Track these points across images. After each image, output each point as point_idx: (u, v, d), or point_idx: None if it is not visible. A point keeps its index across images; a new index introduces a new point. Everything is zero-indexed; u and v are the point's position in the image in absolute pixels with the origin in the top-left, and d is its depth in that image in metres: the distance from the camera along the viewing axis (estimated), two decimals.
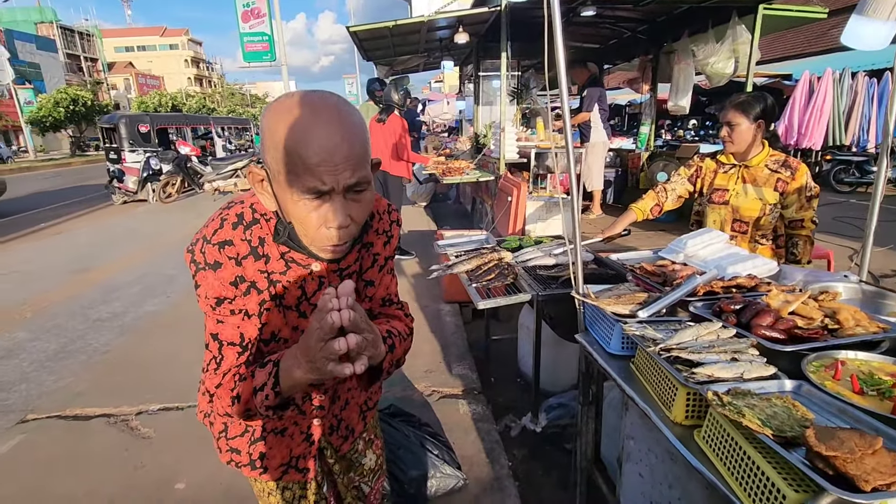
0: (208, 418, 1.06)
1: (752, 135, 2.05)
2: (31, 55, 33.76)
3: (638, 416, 1.29)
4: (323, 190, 0.72)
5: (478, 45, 6.80)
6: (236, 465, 1.03)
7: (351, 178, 0.73)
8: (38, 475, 2.17)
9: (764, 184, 2.07)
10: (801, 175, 2.01)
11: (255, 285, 0.85)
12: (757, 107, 2.02)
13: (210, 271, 0.81)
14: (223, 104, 49.88)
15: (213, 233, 0.82)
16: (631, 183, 7.15)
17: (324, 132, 0.70)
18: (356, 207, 0.78)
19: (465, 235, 2.98)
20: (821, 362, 1.09)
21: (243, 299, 0.85)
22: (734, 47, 5.08)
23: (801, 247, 2.09)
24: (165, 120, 12.10)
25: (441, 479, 1.89)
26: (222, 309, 0.84)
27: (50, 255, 6.11)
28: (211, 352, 0.86)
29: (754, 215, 2.10)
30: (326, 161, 0.70)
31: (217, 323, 0.85)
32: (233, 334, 0.85)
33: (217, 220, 0.84)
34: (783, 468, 0.80)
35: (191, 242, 0.84)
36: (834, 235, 5.47)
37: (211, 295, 0.83)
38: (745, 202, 2.11)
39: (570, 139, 1.52)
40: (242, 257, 0.83)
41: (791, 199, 2.04)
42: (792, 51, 13.50)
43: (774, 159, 2.07)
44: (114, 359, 3.26)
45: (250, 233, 0.84)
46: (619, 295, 1.53)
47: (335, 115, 0.73)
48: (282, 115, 0.72)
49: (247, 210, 0.85)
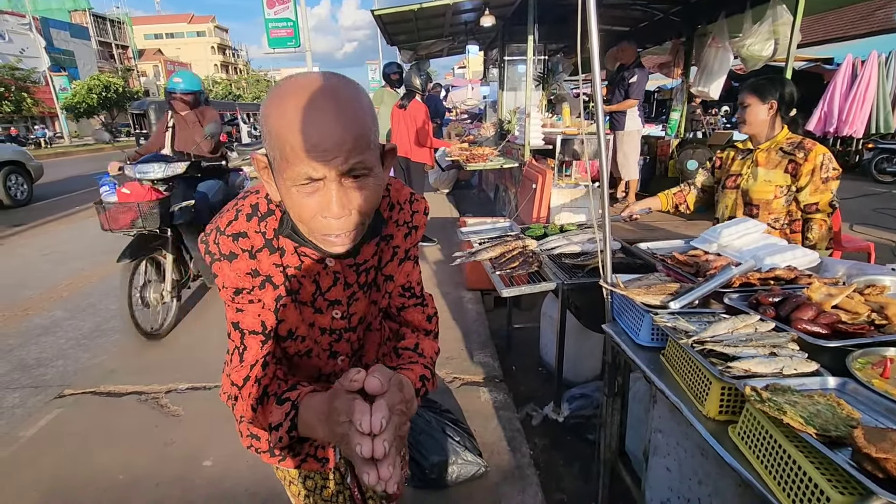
0: (231, 399, 1.07)
1: (764, 116, 2.03)
2: (66, 43, 34.69)
3: (667, 410, 1.26)
4: (314, 177, 0.66)
5: (503, 29, 6.66)
6: (256, 450, 1.03)
7: (344, 163, 0.66)
8: (75, 448, 2.26)
9: (776, 166, 2.03)
10: (816, 156, 1.94)
11: (270, 279, 0.82)
12: (772, 90, 2.01)
13: (225, 262, 0.79)
14: (248, 90, 50.45)
15: (227, 224, 0.79)
16: (659, 171, 6.95)
17: (314, 115, 0.65)
18: (357, 196, 0.71)
19: (489, 223, 2.95)
20: (867, 359, 1.03)
21: (260, 292, 0.82)
22: (773, 28, 4.83)
23: (816, 231, 2.01)
24: None
25: (462, 466, 1.89)
26: (241, 298, 0.82)
27: (85, 236, 6.31)
28: (233, 341, 0.84)
29: (766, 198, 2.05)
30: (316, 146, 0.64)
31: (237, 312, 0.83)
32: (254, 323, 0.83)
33: (232, 210, 0.81)
34: (826, 469, 0.76)
35: (205, 232, 0.81)
36: (874, 227, 5.23)
37: (229, 285, 0.81)
38: (754, 185, 2.07)
39: (602, 124, 1.47)
40: (257, 250, 0.80)
41: (804, 181, 1.98)
42: (833, 33, 12.81)
43: (790, 141, 2.02)
44: (144, 338, 3.36)
45: (265, 224, 0.80)
46: (649, 285, 1.48)
47: (330, 96, 0.67)
48: (276, 99, 0.68)
49: (262, 200, 0.81)
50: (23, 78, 23.34)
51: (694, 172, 5.95)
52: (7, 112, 22.83)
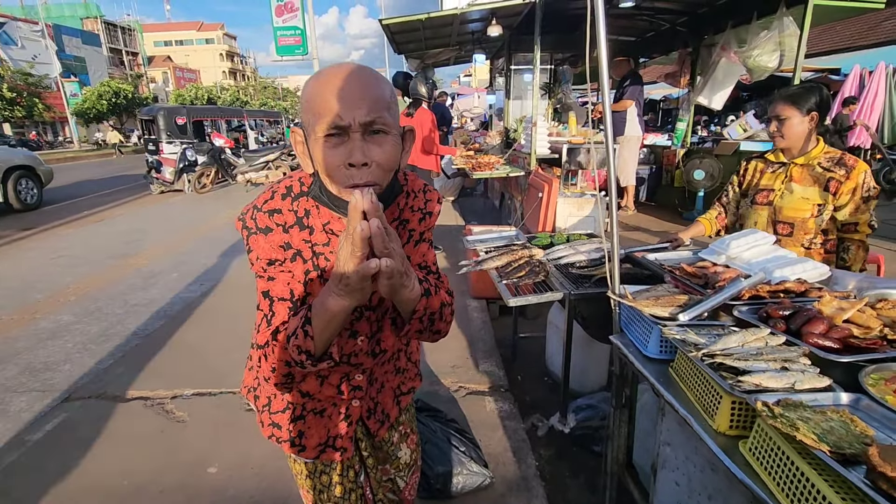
0: (253, 392, 1.11)
1: (804, 129, 1.91)
2: (77, 49, 35.23)
3: (675, 423, 1.25)
4: (341, 124, 0.77)
5: (510, 38, 6.71)
6: (277, 440, 1.06)
7: (367, 115, 0.78)
8: (80, 452, 2.26)
9: (814, 183, 1.94)
10: (858, 174, 1.86)
11: (300, 254, 0.89)
12: (811, 99, 1.88)
13: (262, 235, 0.87)
14: (256, 97, 50.92)
15: (263, 202, 0.89)
16: (666, 180, 6.95)
17: (344, 80, 0.79)
18: (377, 150, 0.81)
19: (495, 231, 2.95)
20: (880, 375, 1.02)
21: (291, 265, 0.89)
22: (780, 39, 4.83)
23: (854, 252, 1.94)
24: (201, 112, 12.42)
25: (468, 477, 1.88)
26: (273, 269, 0.89)
27: (93, 241, 6.37)
28: (262, 310, 0.90)
29: (801, 216, 1.96)
30: (343, 99, 0.77)
31: (269, 280, 0.89)
32: (284, 290, 0.89)
33: (268, 191, 0.91)
34: (840, 487, 0.75)
35: (241, 212, 0.90)
36: (883, 239, 5.19)
37: (263, 256, 0.88)
38: (790, 202, 1.98)
39: (610, 134, 1.47)
40: (290, 226, 0.88)
41: (844, 200, 1.89)
42: (841, 44, 12.79)
43: (829, 157, 1.93)
44: (151, 343, 3.38)
45: (297, 204, 0.89)
46: (657, 296, 1.48)
47: (358, 71, 0.81)
48: (315, 76, 0.82)
49: (296, 183, 0.91)
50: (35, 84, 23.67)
51: (701, 182, 5.95)
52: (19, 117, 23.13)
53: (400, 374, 1.17)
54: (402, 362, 1.17)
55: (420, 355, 1.27)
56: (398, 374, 1.16)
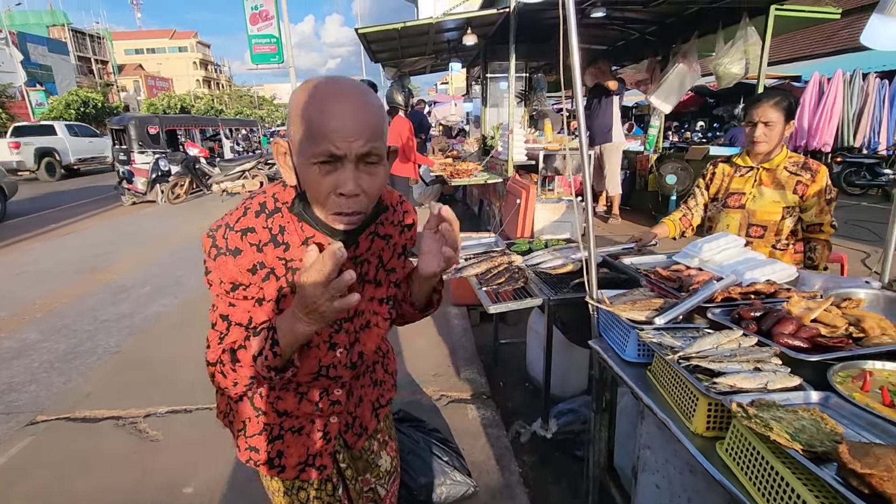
0: (227, 417, 1.09)
1: (783, 134, 1.99)
2: (43, 57, 34.12)
3: (655, 426, 1.26)
4: (336, 154, 0.76)
5: (486, 47, 6.78)
6: (255, 463, 1.04)
7: (363, 146, 0.77)
8: (48, 477, 2.17)
9: (783, 186, 2.01)
10: (822, 177, 1.96)
11: (273, 272, 0.88)
12: (788, 105, 1.96)
13: (230, 257, 0.84)
14: (231, 106, 50.18)
15: (236, 220, 0.86)
16: (639, 185, 7.09)
17: (342, 105, 0.77)
18: (368, 179, 0.81)
19: (474, 238, 2.96)
20: (847, 373, 1.06)
21: (261, 285, 0.87)
22: (745, 48, 5.02)
23: (820, 251, 2.03)
24: (174, 122, 12.19)
25: (451, 486, 1.86)
26: (236, 294, 0.87)
27: (60, 255, 6.15)
28: (217, 331, 0.89)
29: (773, 219, 2.04)
30: (340, 128, 0.75)
31: (229, 306, 0.88)
32: (243, 317, 0.88)
33: (241, 208, 0.88)
34: (814, 485, 0.77)
35: (211, 228, 0.87)
36: (845, 238, 5.39)
37: (227, 280, 0.86)
38: (762, 206, 2.05)
39: (585, 140, 1.50)
40: (263, 244, 0.86)
41: (811, 203, 1.98)
42: (800, 52, 13.37)
43: (793, 161, 2.02)
44: (122, 360, 3.27)
45: (272, 221, 0.87)
46: (634, 300, 1.50)
47: (355, 93, 0.79)
48: (307, 90, 0.79)
49: (269, 199, 0.89)
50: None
51: (673, 186, 6.09)
52: None
53: (378, 387, 1.16)
54: (380, 374, 1.16)
55: (397, 365, 1.26)
56: (376, 386, 1.15)
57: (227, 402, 1.07)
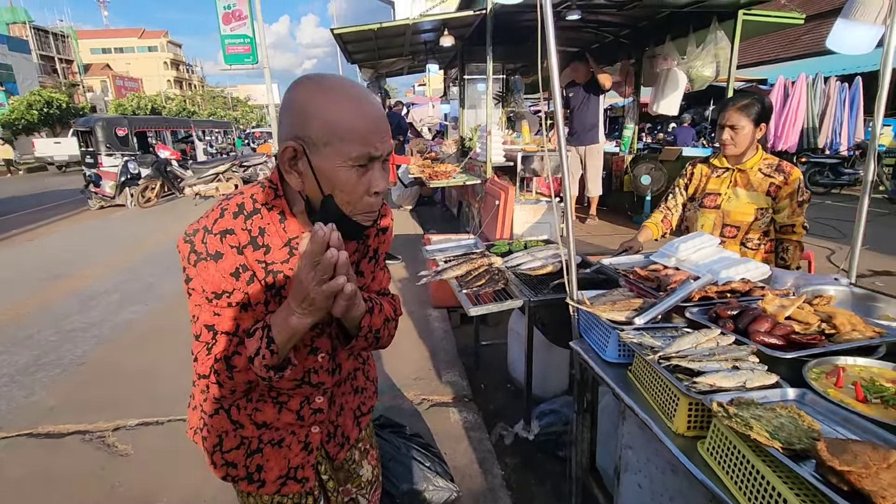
0: (199, 434, 1.03)
1: (752, 137, 2.02)
2: (3, 56, 32.70)
3: (636, 426, 1.27)
4: (375, 156, 0.79)
5: (463, 49, 6.78)
6: (233, 479, 1.00)
7: (389, 146, 0.83)
8: (9, 497, 2.05)
9: (757, 188, 2.06)
10: (794, 180, 2.00)
11: (254, 275, 0.86)
12: (760, 110, 1.99)
13: (211, 262, 0.81)
14: (204, 107, 49.05)
15: (213, 222, 0.83)
16: (615, 185, 7.20)
17: (367, 107, 0.79)
18: (385, 178, 0.85)
19: (453, 240, 2.94)
20: (821, 369, 1.08)
21: (245, 290, 0.85)
22: (715, 52, 5.16)
23: (792, 252, 2.08)
24: (144, 123, 11.85)
25: (434, 492, 1.84)
26: (220, 302, 0.84)
27: (22, 262, 5.89)
28: (203, 342, 0.85)
29: (746, 220, 2.08)
30: (375, 129, 0.78)
31: (214, 315, 0.85)
32: (230, 326, 0.85)
33: (217, 210, 0.85)
34: (794, 483, 0.77)
35: (187, 232, 0.84)
36: (811, 236, 5.56)
37: (209, 288, 0.83)
38: (736, 206, 2.09)
39: (563, 140, 1.50)
40: (243, 246, 0.84)
41: (783, 204, 2.03)
42: (765, 56, 13.82)
43: (768, 163, 2.06)
44: (89, 371, 3.14)
45: (251, 222, 0.85)
46: (613, 301, 1.51)
47: (364, 90, 0.82)
48: (323, 92, 0.78)
49: (247, 200, 0.86)
50: None
51: (648, 187, 6.20)
52: None
53: (359, 395, 1.13)
54: (361, 381, 1.14)
55: (377, 372, 1.23)
56: (357, 394, 1.12)
57: (199, 417, 1.02)
